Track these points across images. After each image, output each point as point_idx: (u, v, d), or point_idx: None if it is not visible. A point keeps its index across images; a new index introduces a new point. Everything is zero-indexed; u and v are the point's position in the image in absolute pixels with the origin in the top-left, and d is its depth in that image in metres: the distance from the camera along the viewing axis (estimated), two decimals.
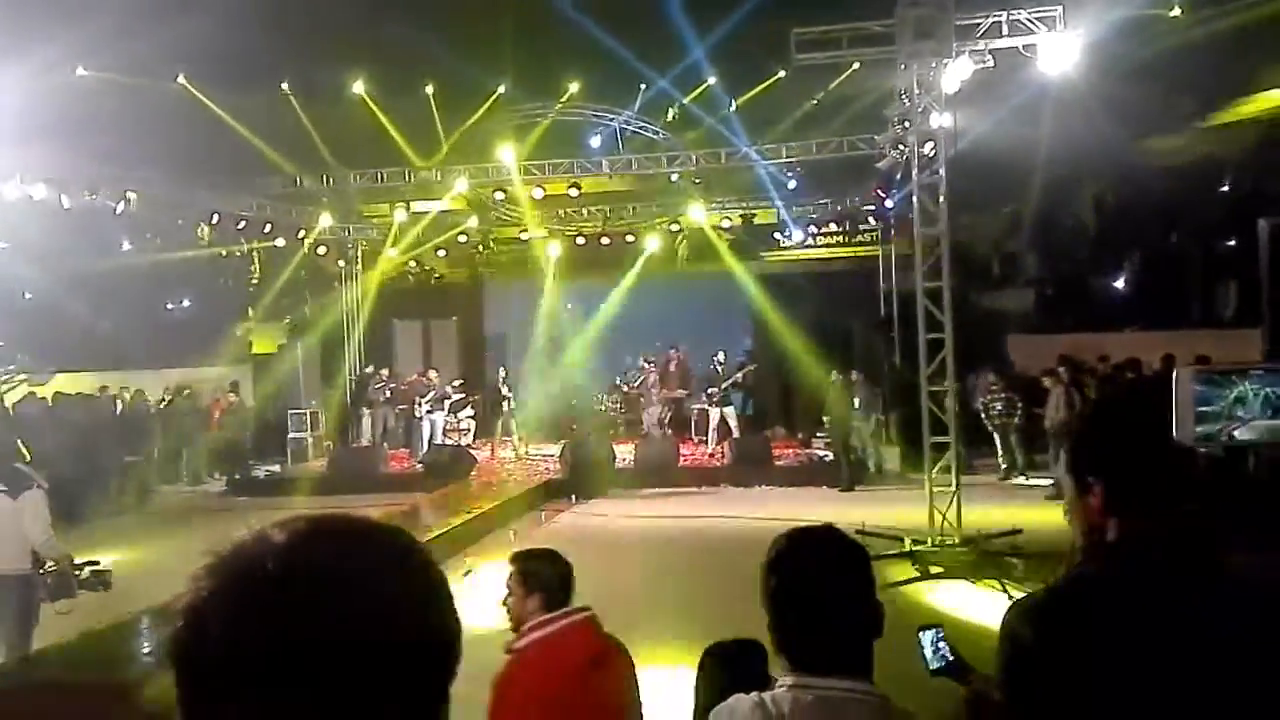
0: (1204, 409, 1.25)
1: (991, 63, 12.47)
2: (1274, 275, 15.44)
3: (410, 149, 19.13)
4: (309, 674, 0.87)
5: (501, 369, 20.41)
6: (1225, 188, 21.39)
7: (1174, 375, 1.36)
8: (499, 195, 19.84)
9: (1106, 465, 1.92)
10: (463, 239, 22.52)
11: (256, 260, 23.30)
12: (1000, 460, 16.31)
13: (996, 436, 16.43)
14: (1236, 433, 1.26)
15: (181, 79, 17.53)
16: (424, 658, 0.95)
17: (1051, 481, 13.85)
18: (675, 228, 21.79)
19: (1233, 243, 19.16)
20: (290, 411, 20.60)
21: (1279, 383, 1.22)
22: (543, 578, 3.58)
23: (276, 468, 19.38)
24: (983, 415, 16.42)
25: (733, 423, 18.86)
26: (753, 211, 21.56)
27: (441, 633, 0.97)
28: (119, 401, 18.88)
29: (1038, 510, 12.31)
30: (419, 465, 18.22)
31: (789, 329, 20.20)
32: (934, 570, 10.47)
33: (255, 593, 0.90)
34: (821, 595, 1.96)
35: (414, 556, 0.99)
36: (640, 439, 19.33)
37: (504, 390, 19.90)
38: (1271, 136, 18.05)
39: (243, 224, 19.34)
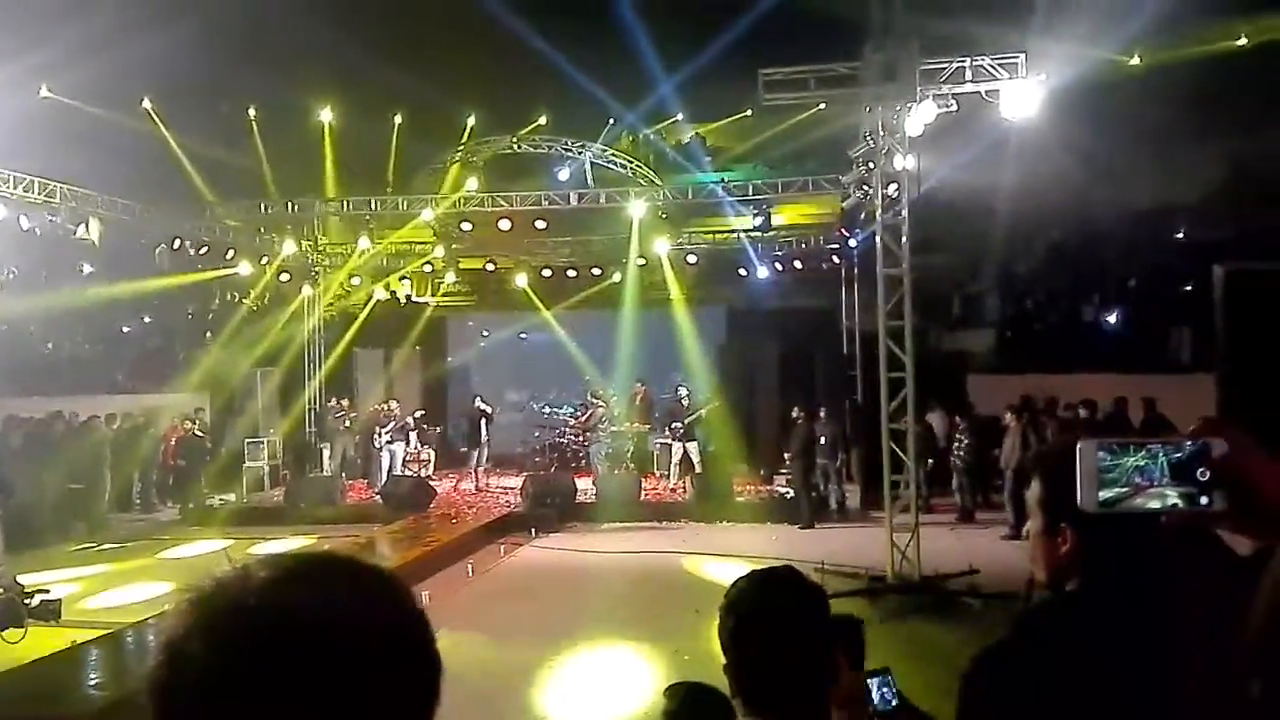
0: (1106, 476, 1.26)
1: (955, 107, 12.67)
2: (1229, 321, 15.70)
3: (377, 178, 19.12)
4: (291, 713, 0.87)
5: (478, 398, 20.22)
6: (1180, 234, 21.80)
7: (1077, 447, 1.36)
8: (465, 226, 19.81)
9: (1082, 514, 1.83)
10: (427, 268, 22.45)
11: (218, 286, 23.08)
12: (960, 499, 16.39)
13: (962, 478, 16.50)
14: (1139, 500, 1.25)
15: (147, 103, 17.45)
16: (407, 694, 0.94)
17: (1012, 523, 13.90)
18: (642, 261, 21.86)
19: (1189, 288, 19.48)
20: (248, 440, 20.32)
21: (1180, 451, 1.22)
22: None
23: (232, 497, 19.09)
24: (952, 455, 16.52)
25: (695, 458, 18.84)
26: (719, 247, 21.69)
27: (424, 670, 0.97)
28: (71, 427, 18.55)
29: (995, 549, 12.38)
30: (378, 496, 18.02)
31: (753, 365, 20.25)
32: (893, 609, 10.48)
33: (237, 630, 0.89)
34: (779, 637, 1.95)
35: (396, 594, 0.99)
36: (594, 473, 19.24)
37: (482, 419, 19.64)
38: (1227, 183, 18.44)
39: (204, 250, 19.17)
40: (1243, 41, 14.04)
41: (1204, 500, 1.23)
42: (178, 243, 18.69)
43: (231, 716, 0.87)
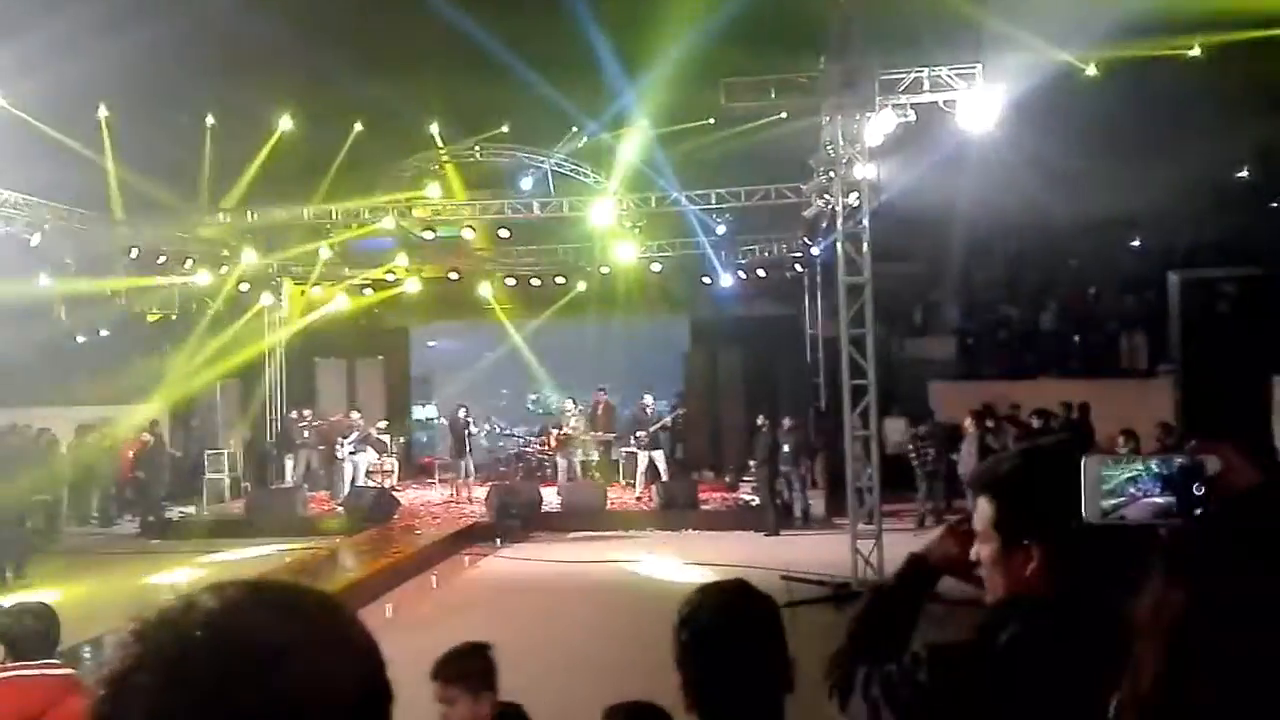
0: (1106, 488, 1.28)
1: (913, 117, 12.82)
2: (1184, 327, 15.96)
3: (338, 185, 18.98)
4: None
5: (463, 408, 20.09)
6: (1136, 242, 22.14)
7: (1082, 462, 1.37)
8: (428, 234, 19.71)
9: (1047, 531, 1.76)
10: (390, 277, 22.32)
11: (176, 295, 22.81)
12: (923, 505, 16.50)
13: (925, 484, 16.62)
14: (1137, 511, 1.27)
15: (103, 110, 17.23)
16: None
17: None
18: (605, 270, 21.85)
19: (1146, 296, 19.78)
20: (208, 452, 20.06)
21: (1176, 466, 1.25)
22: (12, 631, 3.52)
23: (191, 509, 18.84)
24: (914, 462, 16.66)
25: (661, 466, 18.85)
26: (682, 256, 21.73)
27: (373, 697, 0.96)
28: (25, 438, 18.22)
29: None
30: (340, 508, 17.87)
31: (717, 373, 20.30)
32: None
33: (184, 662, 0.87)
34: (732, 651, 1.95)
35: (346, 625, 0.98)
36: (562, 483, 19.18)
37: (468, 429, 19.48)
38: (1182, 192, 18.74)
39: (162, 259, 18.94)
40: (1195, 52, 14.26)
41: (1198, 513, 1.29)
42: (135, 252, 18.46)
43: None
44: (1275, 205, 20.68)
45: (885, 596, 2.10)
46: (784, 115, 14.20)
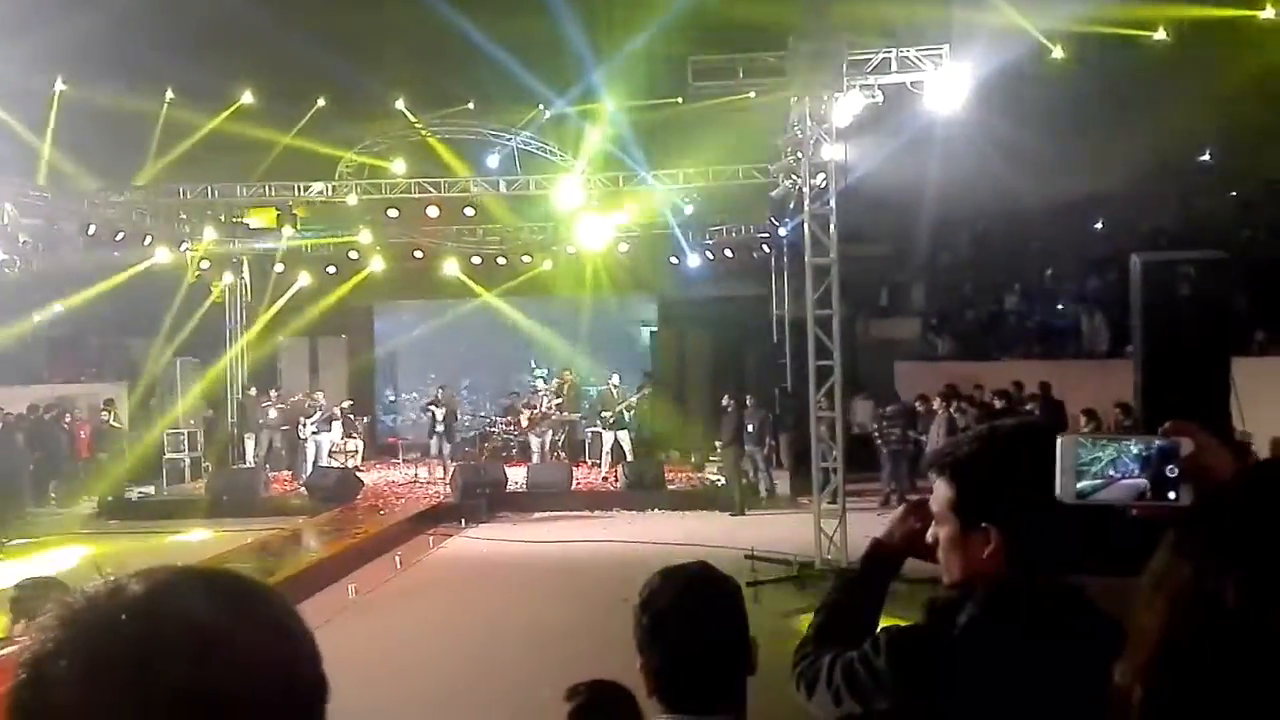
0: (1082, 468, 1.26)
1: (880, 98, 12.81)
2: (1145, 309, 16.05)
3: (299, 161, 18.70)
4: None
5: (441, 388, 19.95)
6: (1099, 225, 22.33)
7: (1058, 441, 1.37)
8: (392, 212, 19.51)
9: (1006, 514, 1.75)
10: (354, 255, 22.08)
11: (133, 273, 22.45)
12: (887, 485, 16.60)
13: (889, 463, 16.73)
14: (1112, 492, 1.26)
15: (60, 83, 16.89)
16: (287, 710, 0.90)
17: None
18: (571, 249, 21.74)
19: (1108, 277, 19.95)
20: (168, 431, 19.79)
21: (1151, 448, 1.24)
22: None
23: (151, 490, 18.60)
24: (878, 441, 16.76)
25: (626, 446, 18.84)
26: (650, 235, 21.64)
27: (305, 688, 0.92)
28: None
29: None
30: (303, 488, 17.72)
31: (684, 353, 20.30)
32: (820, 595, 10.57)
33: (107, 648, 0.84)
34: (692, 635, 1.93)
35: (277, 611, 0.94)
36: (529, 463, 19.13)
37: (440, 409, 19.35)
38: (1145, 176, 18.91)
39: (120, 235, 18.61)
40: (1161, 35, 14.35)
41: (1172, 495, 1.30)
42: (92, 228, 18.13)
43: None
44: (1235, 194, 20.90)
45: (850, 583, 2.10)
46: (751, 95, 14.15)
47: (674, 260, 21.96)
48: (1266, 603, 0.91)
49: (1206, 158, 20.82)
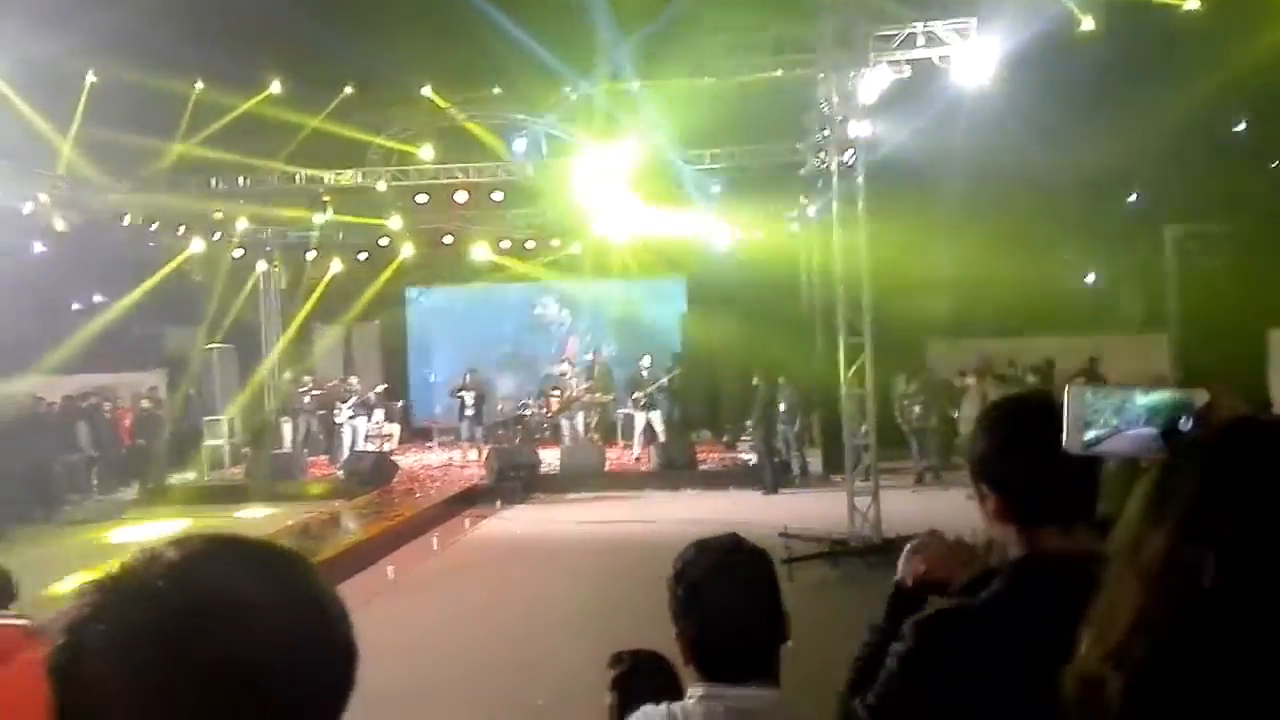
0: (1091, 419, 1.25)
1: (908, 73, 12.73)
2: (1180, 282, 15.95)
3: (329, 149, 18.80)
4: (199, 699, 0.85)
5: (470, 372, 20.10)
6: (1132, 198, 22.03)
7: (1065, 389, 1.36)
8: (421, 198, 19.62)
9: (1000, 477, 1.85)
10: (384, 242, 22.23)
11: (174, 265, 22.71)
12: (918, 463, 16.56)
13: (913, 441, 16.70)
14: (1121, 443, 1.24)
15: (91, 76, 17.05)
16: (320, 678, 0.93)
17: None
18: (599, 232, 21.73)
19: (1142, 250, 19.75)
20: (206, 418, 20.09)
21: (1164, 398, 1.22)
22: None
23: (191, 476, 18.90)
24: (899, 419, 16.71)
25: (658, 427, 18.90)
26: (679, 216, 21.58)
27: (337, 652, 0.95)
28: (23, 407, 18.22)
29: (957, 510, 12.55)
30: (339, 472, 17.93)
31: (714, 332, 20.29)
32: (853, 572, 10.62)
33: (143, 612, 0.87)
34: (726, 604, 1.97)
35: (308, 575, 0.97)
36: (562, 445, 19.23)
37: (470, 393, 19.52)
38: (1177, 146, 18.64)
39: (155, 225, 18.84)
40: (1193, 4, 14.12)
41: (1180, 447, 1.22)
42: (127, 219, 18.37)
43: (135, 702, 0.84)
44: (1274, 165, 20.55)
45: (878, 630, 2.11)
46: (778, 73, 14.09)
47: (702, 240, 21.92)
48: (1246, 580, 0.83)
49: (1241, 128, 20.47)
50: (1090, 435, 1.31)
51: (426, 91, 19.25)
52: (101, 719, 0.85)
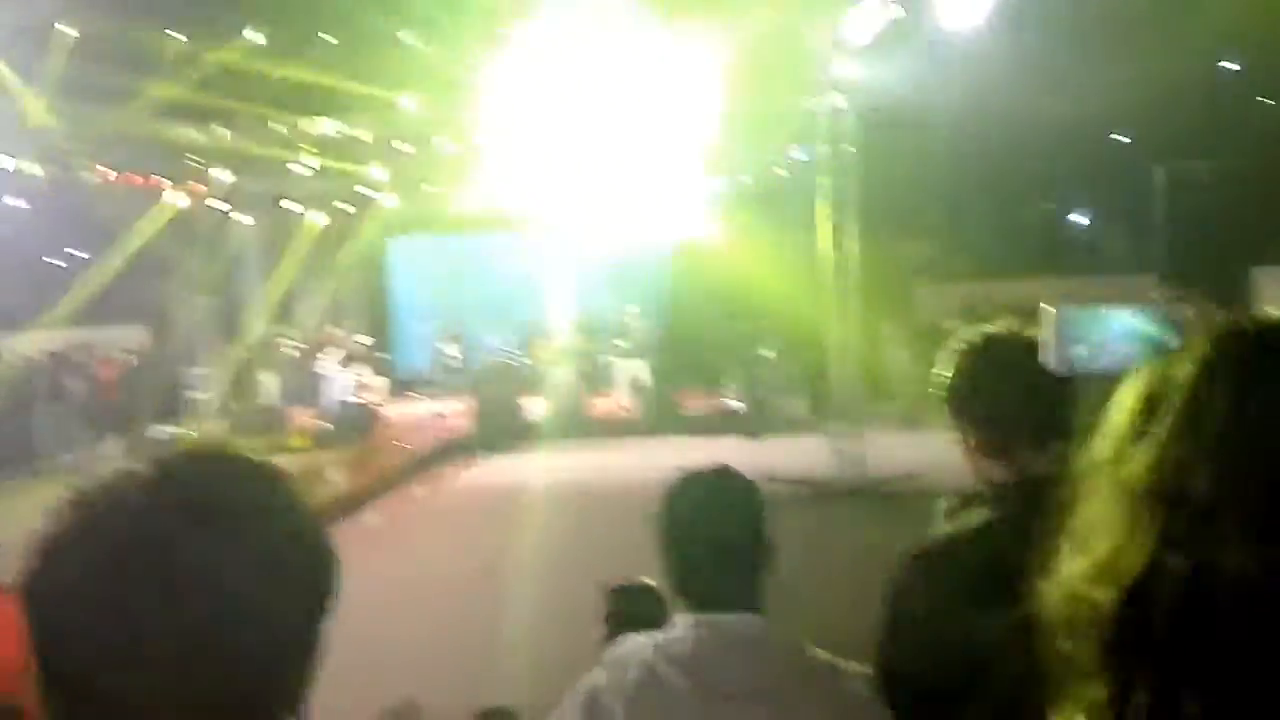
0: (1074, 336, 1.23)
1: (901, 12, 12.53)
2: (1169, 222, 15.88)
3: (311, 100, 18.51)
4: (175, 611, 0.83)
5: (454, 323, 20.00)
6: (1124, 137, 21.89)
7: (1050, 311, 1.34)
8: (404, 146, 19.37)
9: (976, 410, 1.95)
10: (364, 191, 21.98)
11: (160, 222, 22.46)
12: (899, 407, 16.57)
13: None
14: (1106, 360, 1.22)
15: (60, 26, 16.69)
16: (303, 583, 0.92)
17: None
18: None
19: (1131, 189, 19.66)
20: (189, 371, 19.95)
21: (1148, 315, 1.20)
22: None
23: (174, 429, 18.77)
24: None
25: (644, 375, 18.85)
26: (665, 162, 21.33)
27: (319, 556, 0.96)
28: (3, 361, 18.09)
29: (942, 452, 12.56)
30: (322, 424, 17.86)
31: (701, 281, 20.19)
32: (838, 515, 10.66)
33: (117, 528, 0.85)
34: (712, 532, 1.97)
35: (284, 486, 0.97)
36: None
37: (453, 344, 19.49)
38: (1170, 84, 18.48)
39: (135, 180, 18.55)
40: None
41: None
42: (109, 175, 18.08)
43: (108, 618, 0.82)
44: (1261, 99, 20.40)
45: None
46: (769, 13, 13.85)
47: (691, 188, 21.69)
48: (1237, 489, 0.78)
49: (1236, 65, 20.28)
50: (1075, 351, 1.30)
51: (410, 37, 18.92)
52: (78, 637, 0.84)
